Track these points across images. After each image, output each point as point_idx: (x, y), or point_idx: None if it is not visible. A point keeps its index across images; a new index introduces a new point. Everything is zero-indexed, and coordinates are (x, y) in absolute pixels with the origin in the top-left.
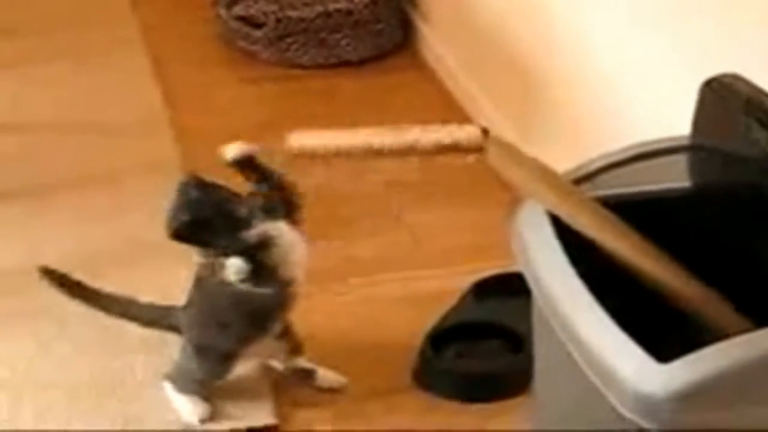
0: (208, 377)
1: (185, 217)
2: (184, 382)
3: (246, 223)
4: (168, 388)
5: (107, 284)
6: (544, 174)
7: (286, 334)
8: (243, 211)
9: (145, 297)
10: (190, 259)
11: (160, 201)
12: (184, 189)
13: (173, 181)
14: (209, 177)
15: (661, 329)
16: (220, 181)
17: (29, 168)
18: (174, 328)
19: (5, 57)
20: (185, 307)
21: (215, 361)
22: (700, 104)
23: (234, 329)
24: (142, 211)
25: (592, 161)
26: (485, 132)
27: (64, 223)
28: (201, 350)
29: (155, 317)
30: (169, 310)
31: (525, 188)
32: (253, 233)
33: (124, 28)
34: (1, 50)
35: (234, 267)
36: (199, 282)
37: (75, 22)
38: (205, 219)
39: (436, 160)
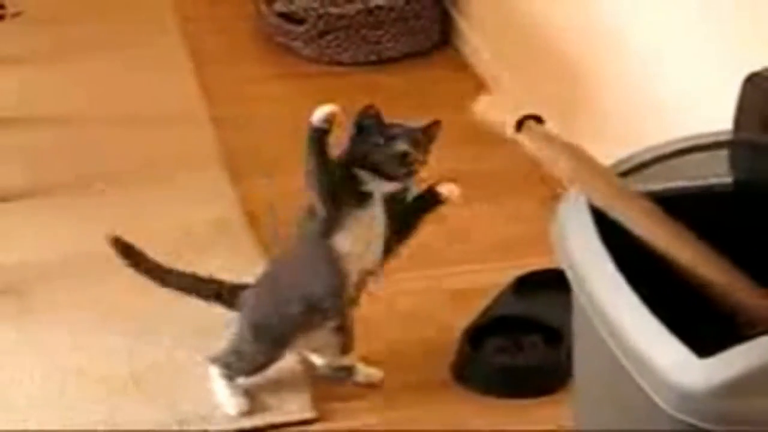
0: (261, 359)
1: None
2: (233, 365)
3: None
4: (214, 374)
5: None
6: (583, 160)
7: (344, 331)
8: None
9: None
10: (225, 252)
11: (198, 194)
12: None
13: (211, 174)
14: None
15: (699, 321)
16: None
17: (69, 160)
18: (233, 306)
19: (44, 48)
20: (252, 286)
21: (270, 342)
22: (742, 99)
23: (291, 312)
24: (180, 202)
25: (636, 155)
26: (539, 119)
27: (106, 214)
28: (258, 330)
29: (217, 292)
30: (230, 285)
31: (564, 175)
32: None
33: (164, 22)
34: (39, 41)
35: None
36: (271, 263)
37: (114, 13)
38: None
39: (474, 155)
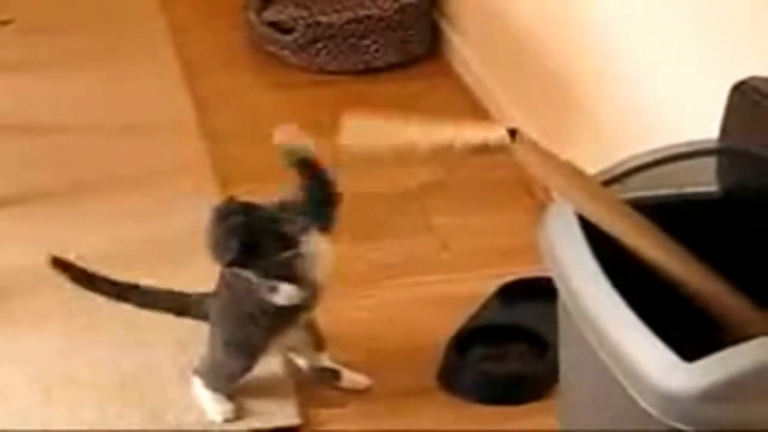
0: (237, 372)
1: (236, 245)
2: (213, 377)
3: (294, 242)
4: (197, 384)
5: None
6: (574, 174)
7: (310, 327)
8: (289, 229)
9: None
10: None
11: (188, 203)
12: (226, 215)
13: (200, 182)
14: (246, 198)
15: (685, 327)
16: (257, 196)
17: (60, 168)
18: (202, 317)
19: (36, 57)
20: (213, 296)
21: (244, 355)
22: (728, 107)
23: (261, 324)
24: (170, 212)
25: (622, 163)
26: (514, 132)
27: (95, 223)
28: (230, 345)
29: (182, 305)
30: (196, 296)
31: (554, 187)
32: (293, 252)
33: (153, 31)
34: (32, 50)
35: (286, 293)
36: (225, 277)
37: (107, 24)
38: (255, 242)
39: (464, 164)
